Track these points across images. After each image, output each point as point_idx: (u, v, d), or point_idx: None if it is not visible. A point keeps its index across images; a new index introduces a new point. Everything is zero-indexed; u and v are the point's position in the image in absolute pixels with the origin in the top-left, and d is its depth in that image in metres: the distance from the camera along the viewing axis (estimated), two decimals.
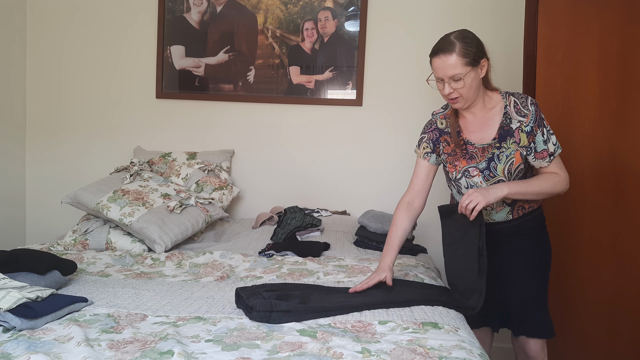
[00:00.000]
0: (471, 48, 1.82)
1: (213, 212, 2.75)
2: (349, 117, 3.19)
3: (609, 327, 2.70)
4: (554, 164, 1.96)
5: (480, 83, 1.89)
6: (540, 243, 2.06)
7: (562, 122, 2.72)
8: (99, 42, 3.25)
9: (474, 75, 1.84)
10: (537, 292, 2.03)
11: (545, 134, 1.92)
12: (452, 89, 1.84)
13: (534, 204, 2.02)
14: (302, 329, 1.47)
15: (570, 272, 2.73)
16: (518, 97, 1.94)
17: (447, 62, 1.81)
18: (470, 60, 1.82)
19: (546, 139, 1.91)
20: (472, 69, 1.83)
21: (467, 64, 1.81)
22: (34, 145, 3.30)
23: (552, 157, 1.94)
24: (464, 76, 1.81)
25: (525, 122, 1.90)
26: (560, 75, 2.70)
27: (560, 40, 2.69)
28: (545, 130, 1.92)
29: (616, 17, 2.62)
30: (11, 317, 1.42)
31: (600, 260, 2.69)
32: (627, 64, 2.62)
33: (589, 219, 2.70)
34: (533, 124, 1.89)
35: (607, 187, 2.66)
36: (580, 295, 2.74)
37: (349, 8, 3.14)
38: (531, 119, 1.89)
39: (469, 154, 1.96)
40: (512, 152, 1.90)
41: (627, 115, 2.62)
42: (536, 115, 1.90)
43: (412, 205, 2.03)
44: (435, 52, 1.85)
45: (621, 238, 2.65)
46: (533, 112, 1.90)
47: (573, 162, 2.71)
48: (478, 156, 1.94)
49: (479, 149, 1.94)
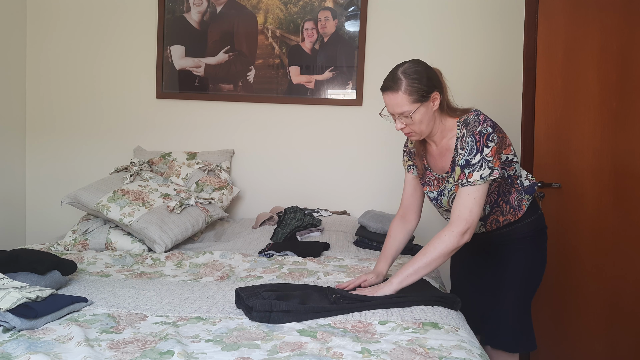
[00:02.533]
0: (418, 84, 1.74)
1: (213, 212, 2.75)
2: (349, 117, 3.19)
3: (608, 327, 2.70)
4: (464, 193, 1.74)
5: (433, 116, 1.80)
6: (527, 255, 1.95)
7: (562, 122, 2.72)
8: (99, 42, 3.25)
9: (424, 110, 1.77)
10: (513, 305, 1.93)
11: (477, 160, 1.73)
12: (404, 125, 1.79)
13: (510, 217, 1.90)
14: (302, 329, 1.47)
15: (569, 272, 2.73)
16: (469, 129, 1.77)
17: (394, 100, 1.76)
18: (418, 97, 1.74)
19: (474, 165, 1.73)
20: (421, 105, 1.75)
21: (414, 101, 1.74)
22: (34, 145, 3.30)
23: (466, 184, 1.73)
24: (412, 114, 1.75)
25: (461, 155, 1.77)
26: (560, 75, 2.71)
27: (560, 40, 2.70)
28: (480, 156, 1.73)
29: (616, 17, 2.62)
30: (11, 317, 1.42)
31: (600, 260, 2.70)
32: (627, 64, 2.62)
33: (589, 219, 2.70)
34: (467, 156, 1.75)
35: (607, 187, 2.66)
36: (580, 295, 2.74)
37: (349, 8, 3.14)
38: (466, 152, 1.75)
39: (427, 180, 1.95)
40: (452, 187, 1.84)
41: (627, 115, 2.62)
42: (473, 148, 1.74)
43: (405, 218, 2.01)
44: (382, 88, 1.79)
45: (621, 238, 2.65)
46: (469, 145, 1.75)
47: (573, 162, 2.71)
48: (433, 184, 1.93)
49: (435, 178, 1.92)
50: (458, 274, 2.18)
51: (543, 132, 2.73)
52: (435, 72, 1.83)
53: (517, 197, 1.91)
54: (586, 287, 2.72)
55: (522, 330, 1.95)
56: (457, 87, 3.13)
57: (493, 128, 1.77)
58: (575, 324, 2.74)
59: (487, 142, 1.74)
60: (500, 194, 1.89)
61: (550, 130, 2.72)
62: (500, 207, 1.90)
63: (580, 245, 2.71)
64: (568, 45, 2.68)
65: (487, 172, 1.73)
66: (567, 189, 2.71)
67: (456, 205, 1.76)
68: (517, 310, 1.94)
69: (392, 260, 1.97)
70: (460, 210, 1.74)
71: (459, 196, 1.76)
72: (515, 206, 1.90)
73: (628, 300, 2.64)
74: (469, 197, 1.73)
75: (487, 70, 3.11)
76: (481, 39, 3.11)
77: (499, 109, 3.12)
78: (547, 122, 2.72)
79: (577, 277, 2.72)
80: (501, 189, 1.89)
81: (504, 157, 1.85)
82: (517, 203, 1.91)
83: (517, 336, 1.94)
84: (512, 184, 1.90)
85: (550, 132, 2.72)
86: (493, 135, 1.75)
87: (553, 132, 2.71)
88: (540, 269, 1.99)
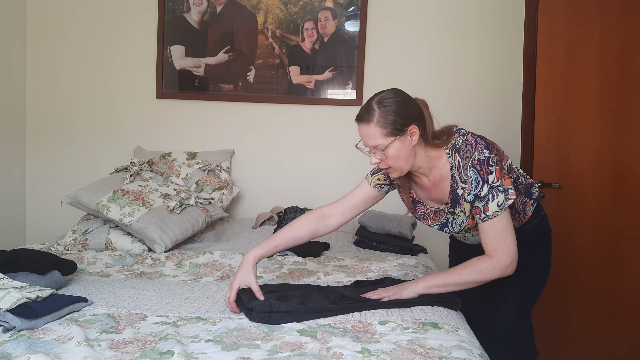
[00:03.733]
0: (393, 116, 1.59)
1: (213, 212, 2.75)
2: (349, 117, 3.16)
3: (608, 327, 2.70)
4: (489, 227, 1.62)
5: (412, 150, 1.64)
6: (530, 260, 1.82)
7: (562, 122, 2.72)
8: (99, 42, 3.25)
9: (399, 145, 1.61)
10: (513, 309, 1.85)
11: (486, 191, 1.61)
12: (379, 159, 1.65)
13: (515, 223, 1.78)
14: (302, 329, 1.47)
15: (569, 271, 2.73)
16: (463, 155, 1.64)
17: (366, 132, 1.62)
18: (391, 130, 1.59)
19: (485, 196, 1.61)
20: (395, 139, 1.60)
21: (388, 135, 1.60)
22: (34, 145, 3.30)
23: (486, 218, 1.62)
24: (386, 148, 1.61)
25: (467, 190, 1.64)
26: (560, 75, 2.71)
27: (560, 40, 2.70)
28: (488, 186, 1.61)
29: (616, 17, 2.62)
30: (11, 317, 1.42)
31: (600, 260, 2.70)
32: (627, 64, 2.62)
33: (589, 218, 2.70)
34: (475, 190, 1.62)
35: (607, 187, 2.66)
36: (580, 294, 2.74)
37: (349, 8, 3.14)
38: (472, 186, 1.62)
39: (420, 214, 1.81)
40: (464, 221, 1.71)
41: (627, 115, 2.62)
42: (477, 180, 1.61)
43: (326, 220, 1.82)
44: (356, 118, 1.67)
45: (621, 238, 2.65)
46: (472, 178, 1.62)
47: (573, 162, 2.71)
48: (430, 218, 1.79)
49: (431, 211, 1.78)
50: None
51: (543, 132, 2.73)
52: (416, 102, 1.67)
53: (522, 200, 1.82)
54: (586, 286, 2.72)
55: (522, 335, 1.88)
56: (457, 88, 3.16)
57: (488, 148, 1.63)
58: (575, 323, 2.74)
59: (489, 167, 1.61)
60: None
61: (550, 130, 2.72)
62: None
63: (580, 245, 2.71)
64: (568, 45, 2.68)
65: (502, 197, 1.61)
66: (567, 189, 2.71)
67: (486, 241, 1.63)
68: (517, 315, 1.86)
69: (275, 251, 1.77)
70: (494, 245, 1.61)
71: (483, 233, 1.64)
72: (520, 211, 1.82)
73: (628, 300, 2.64)
74: (495, 231, 1.61)
75: (487, 70, 3.11)
76: (481, 39, 3.11)
77: (499, 109, 3.13)
78: (547, 122, 2.72)
79: (577, 276, 2.72)
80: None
81: (505, 167, 1.73)
82: (522, 207, 1.82)
83: (516, 341, 1.87)
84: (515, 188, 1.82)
85: (550, 132, 2.72)
86: (492, 158, 1.62)
87: (553, 132, 2.71)
88: (543, 274, 1.90)
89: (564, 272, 2.72)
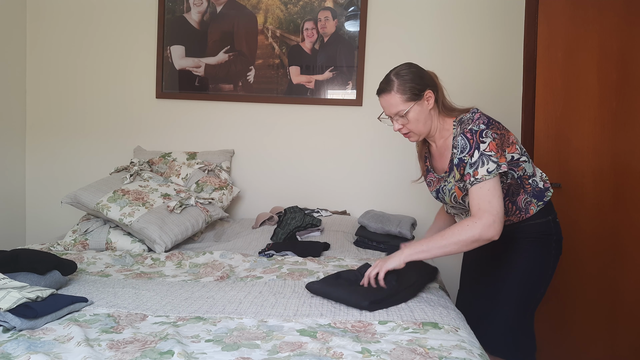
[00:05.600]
0: (410, 83, 1.79)
1: (213, 212, 2.75)
2: (349, 117, 3.19)
3: (608, 326, 2.70)
4: (476, 189, 1.70)
5: (429, 115, 1.84)
6: (529, 258, 1.87)
7: (562, 122, 2.72)
8: (98, 42, 3.25)
9: (419, 109, 1.81)
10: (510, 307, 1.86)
11: (476, 157, 1.72)
12: (401, 125, 1.85)
13: (514, 218, 1.86)
14: (302, 329, 1.47)
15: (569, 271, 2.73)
16: (463, 127, 1.79)
17: (388, 101, 1.82)
18: (410, 95, 1.80)
19: (475, 162, 1.71)
20: (415, 104, 1.80)
21: (408, 100, 1.80)
22: (34, 145, 3.30)
23: (475, 182, 1.70)
24: (407, 112, 1.81)
25: (456, 155, 1.78)
26: (560, 75, 2.71)
27: (560, 40, 2.70)
28: (479, 152, 1.71)
29: (616, 17, 2.62)
30: (11, 317, 1.42)
31: (600, 259, 2.70)
32: (627, 64, 2.62)
33: (589, 218, 2.70)
34: (460, 155, 1.76)
35: (607, 187, 2.66)
36: (580, 294, 2.74)
37: (349, 8, 3.14)
38: (458, 150, 1.77)
39: (429, 181, 1.99)
40: (452, 187, 1.84)
41: (627, 115, 2.62)
42: (465, 145, 1.74)
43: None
44: (378, 92, 1.86)
45: (621, 237, 2.65)
46: (460, 143, 1.76)
47: (573, 162, 2.71)
48: (433, 185, 1.97)
49: (436, 179, 1.95)
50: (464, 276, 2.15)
51: (543, 132, 2.72)
52: (429, 73, 1.86)
53: (525, 199, 1.84)
54: (586, 286, 2.72)
55: (519, 335, 1.87)
56: (457, 87, 3.15)
57: (487, 125, 1.76)
58: (575, 323, 2.74)
59: (481, 138, 1.72)
60: (509, 194, 1.84)
61: (550, 130, 2.72)
62: (506, 207, 1.83)
63: (580, 245, 2.71)
64: (568, 45, 2.68)
65: (493, 166, 1.70)
66: (567, 189, 2.71)
67: (472, 203, 1.71)
68: (514, 314, 1.85)
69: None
70: (478, 204, 1.69)
71: (470, 195, 1.72)
72: (522, 208, 1.84)
73: (629, 299, 2.64)
74: (482, 191, 1.69)
75: (487, 70, 3.11)
76: (481, 39, 3.11)
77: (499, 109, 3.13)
78: (547, 122, 2.72)
79: (577, 276, 2.72)
80: (510, 189, 1.84)
81: (509, 157, 1.80)
82: (525, 205, 1.84)
83: (516, 341, 1.85)
84: (521, 185, 1.85)
85: (550, 132, 2.72)
86: (486, 132, 1.73)
87: (553, 132, 2.71)
88: (543, 275, 1.89)
89: (564, 271, 2.72)
